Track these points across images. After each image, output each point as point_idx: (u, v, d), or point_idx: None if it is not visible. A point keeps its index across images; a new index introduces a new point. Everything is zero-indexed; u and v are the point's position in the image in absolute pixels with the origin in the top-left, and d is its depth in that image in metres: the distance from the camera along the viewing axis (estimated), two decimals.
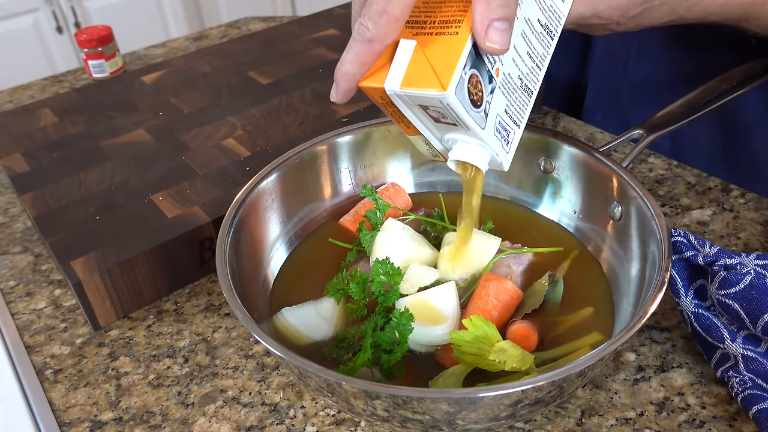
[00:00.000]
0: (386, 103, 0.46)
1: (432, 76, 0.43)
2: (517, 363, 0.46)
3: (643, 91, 0.82)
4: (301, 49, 0.99)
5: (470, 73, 0.43)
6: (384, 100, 0.46)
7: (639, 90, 0.82)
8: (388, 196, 0.63)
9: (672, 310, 0.58)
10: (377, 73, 0.45)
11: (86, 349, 0.59)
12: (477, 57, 0.44)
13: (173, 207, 0.66)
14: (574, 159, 0.60)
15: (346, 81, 0.45)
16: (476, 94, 0.44)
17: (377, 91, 0.45)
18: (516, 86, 0.47)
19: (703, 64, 0.74)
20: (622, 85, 0.83)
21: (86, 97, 0.89)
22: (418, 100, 0.44)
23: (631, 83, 0.82)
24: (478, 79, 0.44)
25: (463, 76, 0.43)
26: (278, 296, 0.57)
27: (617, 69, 0.83)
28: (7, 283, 0.67)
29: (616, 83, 0.84)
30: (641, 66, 0.80)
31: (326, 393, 0.44)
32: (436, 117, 0.46)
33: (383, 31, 0.43)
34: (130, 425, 0.52)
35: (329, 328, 0.53)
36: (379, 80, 0.45)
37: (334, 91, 0.46)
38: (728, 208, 0.68)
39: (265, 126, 0.79)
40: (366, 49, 0.43)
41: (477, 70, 0.44)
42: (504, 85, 0.46)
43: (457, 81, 0.42)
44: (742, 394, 0.48)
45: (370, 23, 0.42)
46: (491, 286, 0.52)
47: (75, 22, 2.35)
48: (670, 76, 0.78)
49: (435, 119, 0.46)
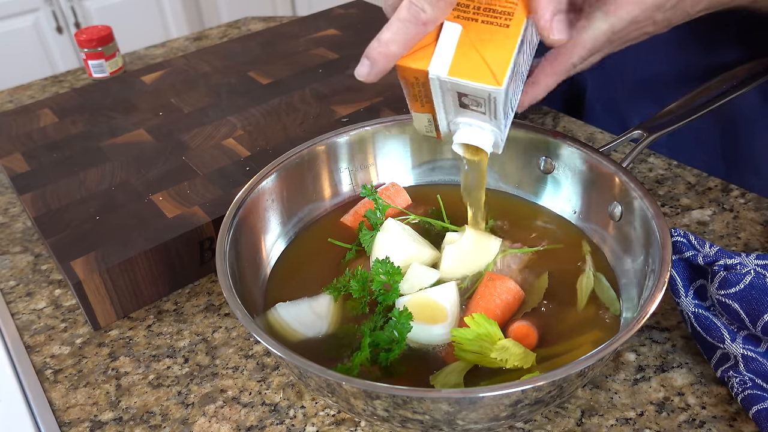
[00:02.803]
0: (417, 83, 0.46)
1: (485, 69, 0.43)
2: (518, 361, 0.46)
3: (641, 91, 0.82)
4: (301, 49, 0.99)
5: (514, 66, 0.44)
6: (418, 80, 0.45)
7: (637, 89, 0.82)
8: (388, 196, 0.63)
9: (672, 310, 0.58)
10: (418, 54, 0.44)
11: (86, 349, 0.59)
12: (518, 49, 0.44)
13: (173, 207, 0.66)
14: (574, 159, 0.60)
15: (386, 61, 0.44)
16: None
17: (417, 72, 0.44)
18: (521, 73, 0.48)
19: (702, 63, 0.74)
20: (620, 85, 0.83)
21: (86, 97, 0.89)
22: (461, 88, 0.44)
23: (629, 82, 0.82)
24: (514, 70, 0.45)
25: (511, 70, 0.43)
26: (273, 292, 0.57)
27: (615, 68, 0.83)
28: (7, 283, 0.67)
29: (614, 82, 0.84)
30: (639, 65, 0.80)
31: (326, 393, 0.44)
32: (467, 104, 0.46)
33: (439, 14, 0.42)
34: (130, 425, 0.52)
35: (322, 326, 0.53)
36: (422, 63, 0.44)
37: (366, 68, 0.45)
38: (728, 208, 0.68)
39: (265, 126, 0.79)
40: (418, 30, 0.43)
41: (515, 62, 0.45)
42: (517, 73, 0.47)
43: (510, 76, 0.43)
44: (742, 394, 0.48)
45: (426, 5, 0.42)
46: (494, 286, 0.52)
47: (75, 22, 2.35)
48: (668, 75, 0.78)
49: (463, 105, 0.46)
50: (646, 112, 0.63)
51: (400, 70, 0.45)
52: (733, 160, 0.77)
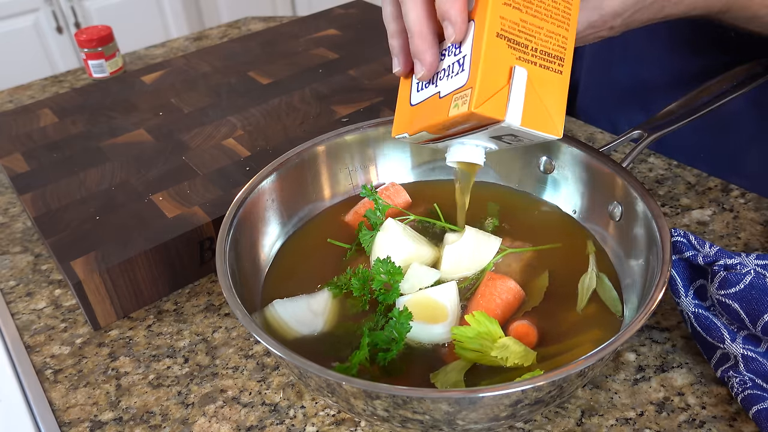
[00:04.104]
0: (466, 126, 0.46)
1: (548, 119, 0.44)
2: (519, 359, 0.46)
3: (628, 92, 0.82)
4: (301, 49, 0.99)
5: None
6: (468, 120, 0.44)
7: (625, 90, 0.82)
8: (388, 196, 0.63)
9: (672, 310, 0.58)
10: (492, 102, 0.43)
11: (86, 349, 0.59)
12: None
13: (173, 207, 0.66)
14: (574, 159, 0.60)
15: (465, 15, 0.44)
16: None
17: (491, 120, 0.43)
18: None
19: (690, 66, 0.74)
20: (609, 86, 0.84)
21: (86, 97, 0.89)
22: (523, 134, 0.45)
23: (617, 89, 0.83)
24: None
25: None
26: (271, 289, 0.57)
27: (603, 69, 0.84)
28: (7, 283, 0.67)
29: (602, 83, 0.85)
30: (626, 67, 0.81)
31: (326, 393, 0.44)
32: (506, 140, 0.47)
33: None
34: (130, 425, 0.52)
35: (319, 323, 0.53)
36: (498, 113, 0.43)
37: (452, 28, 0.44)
38: (728, 208, 0.68)
39: (265, 126, 0.79)
40: None
41: None
42: None
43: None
44: (742, 394, 0.48)
45: None
46: (494, 285, 0.52)
47: (75, 22, 2.35)
48: (656, 77, 0.78)
49: (497, 138, 0.47)
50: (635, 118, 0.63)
51: (470, 117, 0.44)
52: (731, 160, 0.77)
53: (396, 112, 0.53)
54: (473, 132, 0.47)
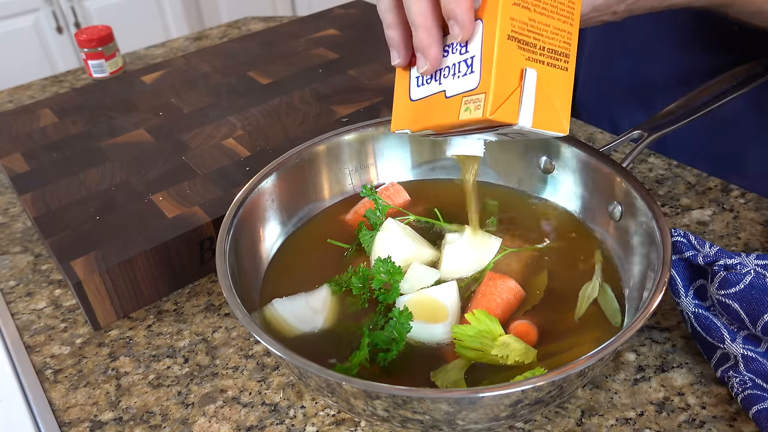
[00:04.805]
0: (474, 126, 0.45)
1: (556, 118, 0.44)
2: (520, 357, 0.46)
3: (628, 87, 0.82)
4: (301, 49, 0.99)
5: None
6: (480, 123, 0.44)
7: (625, 85, 0.82)
8: (388, 196, 0.63)
9: (672, 310, 0.58)
10: (506, 106, 0.42)
11: (86, 349, 0.59)
12: None
13: (173, 207, 0.66)
14: (574, 159, 0.60)
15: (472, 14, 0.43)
16: None
17: (504, 125, 0.43)
18: None
19: (691, 62, 0.74)
20: (609, 80, 0.84)
21: (86, 97, 0.89)
22: (532, 134, 0.45)
23: (617, 78, 0.83)
24: None
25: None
26: (270, 288, 0.57)
27: (604, 64, 0.84)
28: (7, 283, 0.67)
29: (602, 78, 0.84)
30: (626, 62, 0.81)
31: (326, 393, 0.44)
32: (512, 136, 0.47)
33: None
34: (130, 425, 0.52)
35: (318, 321, 0.53)
36: (511, 117, 0.43)
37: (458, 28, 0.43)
38: (728, 208, 0.68)
39: (265, 126, 0.79)
40: None
41: None
42: None
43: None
44: (742, 394, 0.48)
45: None
46: (495, 285, 0.52)
47: (75, 22, 2.35)
48: (656, 73, 0.78)
49: (502, 135, 0.47)
50: (635, 114, 0.63)
51: (484, 121, 0.43)
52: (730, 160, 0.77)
53: (394, 106, 0.52)
54: (481, 131, 0.47)
